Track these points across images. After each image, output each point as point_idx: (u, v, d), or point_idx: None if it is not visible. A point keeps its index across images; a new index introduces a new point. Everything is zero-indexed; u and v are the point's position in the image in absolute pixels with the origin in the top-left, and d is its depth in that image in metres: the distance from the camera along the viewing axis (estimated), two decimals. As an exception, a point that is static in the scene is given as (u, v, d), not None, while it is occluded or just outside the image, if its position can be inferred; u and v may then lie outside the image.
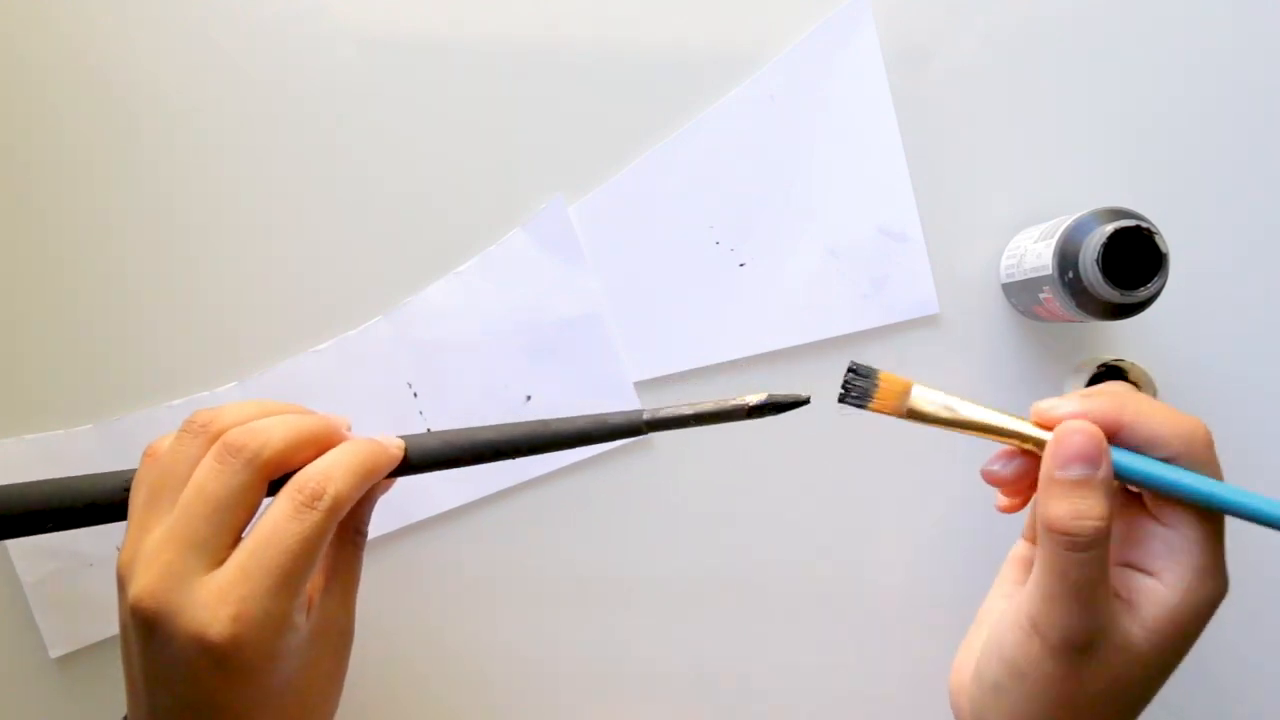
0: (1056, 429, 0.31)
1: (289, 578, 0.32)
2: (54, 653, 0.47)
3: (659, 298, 0.48)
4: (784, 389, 0.48)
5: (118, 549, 0.46)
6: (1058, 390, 0.48)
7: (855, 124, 0.47)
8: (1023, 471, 0.33)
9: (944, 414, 0.32)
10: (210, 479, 0.32)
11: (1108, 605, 0.30)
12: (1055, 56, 0.48)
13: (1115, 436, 0.31)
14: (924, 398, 0.32)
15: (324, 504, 0.32)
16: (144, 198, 0.48)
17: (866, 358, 0.48)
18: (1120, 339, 0.48)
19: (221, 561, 0.32)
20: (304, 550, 0.32)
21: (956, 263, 0.48)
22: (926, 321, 0.48)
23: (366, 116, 0.48)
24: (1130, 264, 0.39)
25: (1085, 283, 0.40)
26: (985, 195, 0.48)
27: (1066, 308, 0.42)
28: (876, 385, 0.32)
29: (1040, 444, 0.31)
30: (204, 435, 0.34)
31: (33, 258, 0.47)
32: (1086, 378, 0.45)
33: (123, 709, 0.41)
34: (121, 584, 0.33)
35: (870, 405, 0.33)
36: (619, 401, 0.47)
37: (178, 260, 0.48)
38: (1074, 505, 0.30)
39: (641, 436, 0.36)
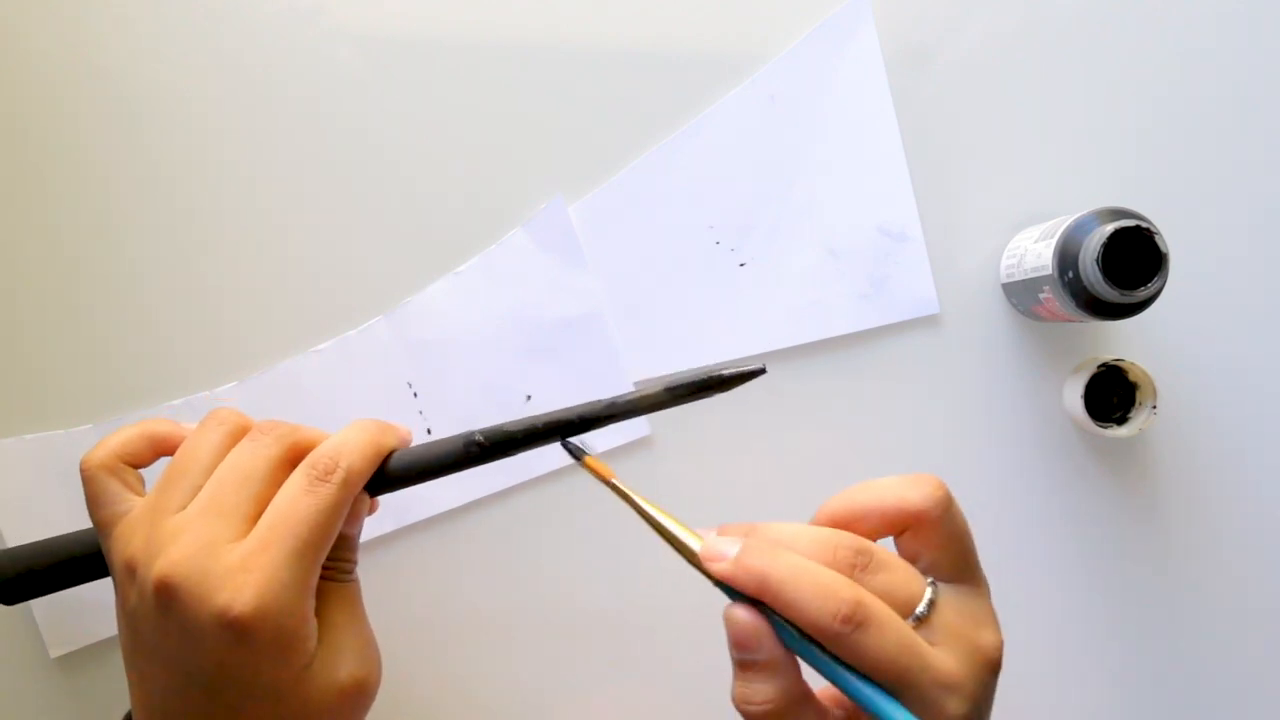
0: (725, 611, 0.29)
1: (306, 549, 0.32)
2: (54, 653, 0.47)
3: (659, 298, 0.48)
4: (784, 388, 0.48)
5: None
6: (1058, 390, 0.48)
7: (855, 124, 0.47)
8: None
9: (635, 508, 0.32)
10: (244, 453, 0.34)
11: None
12: (1055, 56, 0.48)
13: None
14: (620, 488, 0.33)
15: (338, 477, 0.33)
16: (143, 199, 0.48)
17: (866, 358, 0.48)
18: (1120, 339, 0.48)
19: (245, 533, 0.32)
20: (320, 522, 0.32)
21: (956, 263, 0.48)
22: (926, 321, 0.48)
23: (366, 117, 0.48)
24: (1130, 264, 0.39)
25: (1085, 283, 0.40)
26: (985, 195, 0.48)
27: (1066, 308, 0.42)
28: (583, 464, 0.34)
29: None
30: (226, 426, 0.35)
31: (32, 258, 0.47)
32: (1086, 378, 0.45)
33: (122, 709, 0.41)
34: (133, 568, 0.32)
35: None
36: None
37: (177, 260, 0.48)
38: (741, 688, 0.29)
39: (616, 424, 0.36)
